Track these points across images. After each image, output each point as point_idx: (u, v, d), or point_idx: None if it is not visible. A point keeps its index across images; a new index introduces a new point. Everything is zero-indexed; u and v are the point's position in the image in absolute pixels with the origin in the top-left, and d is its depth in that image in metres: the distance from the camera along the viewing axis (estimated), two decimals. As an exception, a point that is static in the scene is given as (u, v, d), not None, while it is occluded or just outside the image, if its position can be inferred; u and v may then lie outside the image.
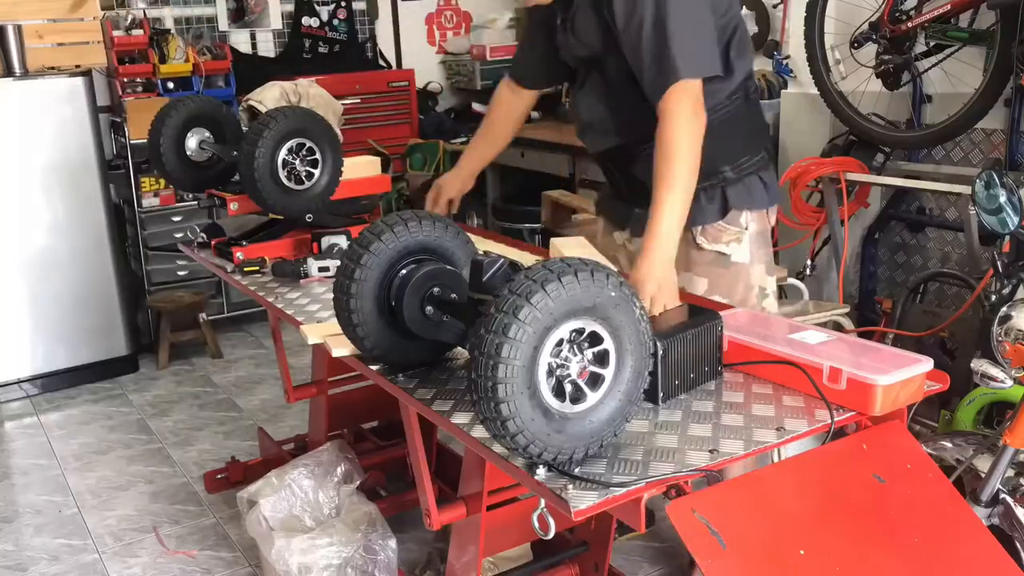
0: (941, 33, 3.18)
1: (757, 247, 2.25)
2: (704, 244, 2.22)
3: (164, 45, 4.70)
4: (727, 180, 2.18)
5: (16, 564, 2.94)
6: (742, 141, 2.19)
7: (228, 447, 3.65)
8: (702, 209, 2.17)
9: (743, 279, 2.24)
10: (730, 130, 2.15)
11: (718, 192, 2.18)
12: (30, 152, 4.17)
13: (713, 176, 2.15)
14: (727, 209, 2.19)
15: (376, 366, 1.83)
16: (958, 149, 3.47)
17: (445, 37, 6.06)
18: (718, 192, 2.18)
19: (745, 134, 2.20)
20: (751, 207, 2.22)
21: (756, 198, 2.23)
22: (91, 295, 4.36)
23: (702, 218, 2.19)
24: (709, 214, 2.19)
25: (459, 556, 1.98)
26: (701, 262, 2.23)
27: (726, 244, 2.22)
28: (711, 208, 2.19)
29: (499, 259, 1.63)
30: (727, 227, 2.21)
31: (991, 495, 2.01)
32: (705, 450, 1.47)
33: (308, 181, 2.62)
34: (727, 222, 2.20)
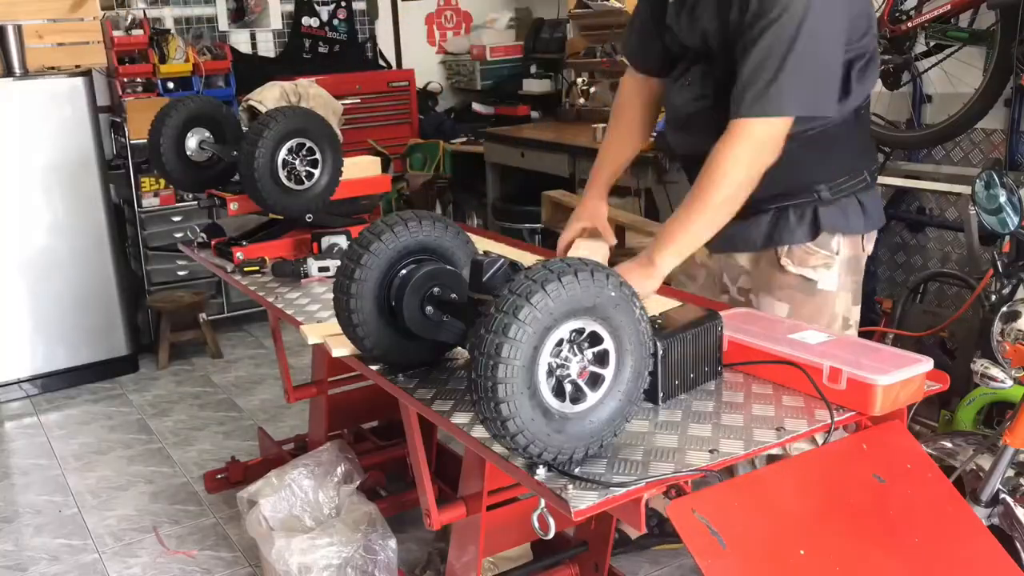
0: (941, 33, 3.18)
1: (847, 275, 2.05)
2: (789, 266, 2.02)
3: (164, 45, 4.70)
4: (821, 200, 1.98)
5: (16, 564, 2.94)
6: (844, 159, 1.98)
7: (228, 447, 3.65)
8: (791, 228, 2.00)
9: (828, 308, 2.04)
10: (832, 146, 1.95)
11: (810, 211, 1.99)
12: (30, 152, 4.17)
13: (806, 193, 1.98)
14: (818, 231, 1.99)
15: (376, 366, 1.83)
16: (958, 149, 3.47)
17: (445, 37, 6.06)
18: (810, 211, 1.99)
19: (848, 152, 2.00)
20: (845, 231, 2.01)
21: (851, 222, 2.01)
22: (91, 295, 4.36)
23: (790, 238, 2.00)
24: (798, 234, 2.00)
25: (459, 556, 1.98)
26: (784, 285, 2.04)
27: (813, 268, 2.02)
28: (800, 228, 2.00)
29: (499, 259, 1.63)
30: (817, 250, 2.01)
31: (991, 495, 2.01)
32: (705, 450, 1.47)
33: (308, 181, 2.62)
34: (817, 245, 2.01)
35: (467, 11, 6.10)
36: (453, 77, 5.98)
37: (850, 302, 2.08)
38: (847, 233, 2.02)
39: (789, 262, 2.02)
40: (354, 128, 5.08)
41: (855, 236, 2.04)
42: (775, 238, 2.01)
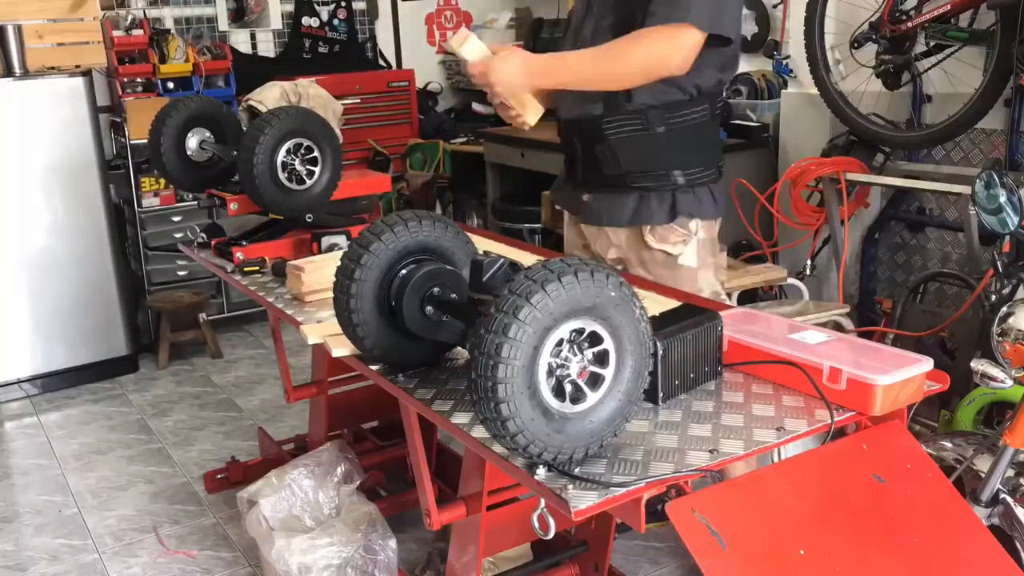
0: (941, 33, 3.18)
1: (706, 253, 2.31)
2: (652, 243, 2.27)
3: (164, 45, 4.70)
4: (678, 186, 2.23)
5: (16, 564, 2.94)
6: (698, 153, 2.23)
7: (228, 447, 3.65)
8: (652, 210, 2.24)
9: (690, 282, 2.29)
10: (689, 140, 2.20)
11: (668, 196, 2.24)
12: (30, 152, 4.17)
13: (665, 179, 2.22)
14: (674, 215, 2.24)
15: (376, 366, 1.83)
16: (958, 149, 3.47)
17: (445, 37, 6.06)
18: (668, 196, 2.24)
19: (702, 147, 2.25)
20: (700, 216, 2.27)
21: (705, 208, 2.28)
22: (91, 295, 4.37)
23: (651, 218, 2.25)
24: (659, 216, 2.25)
25: (459, 556, 1.98)
26: (649, 260, 2.30)
27: (673, 245, 2.27)
28: (661, 210, 2.24)
29: (499, 259, 1.63)
30: (676, 229, 2.26)
31: (991, 495, 2.01)
32: (705, 450, 1.47)
33: (308, 181, 2.62)
34: (677, 225, 2.26)
35: (467, 11, 6.10)
36: (453, 77, 5.98)
37: (712, 276, 2.35)
38: (703, 218, 2.27)
39: (652, 239, 2.27)
40: (354, 128, 5.08)
41: (709, 221, 2.30)
42: (640, 217, 2.25)
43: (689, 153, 2.22)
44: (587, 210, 2.35)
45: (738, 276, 3.21)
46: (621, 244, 2.33)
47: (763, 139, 4.10)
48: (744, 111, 4.17)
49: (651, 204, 2.24)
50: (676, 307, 1.88)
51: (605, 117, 2.22)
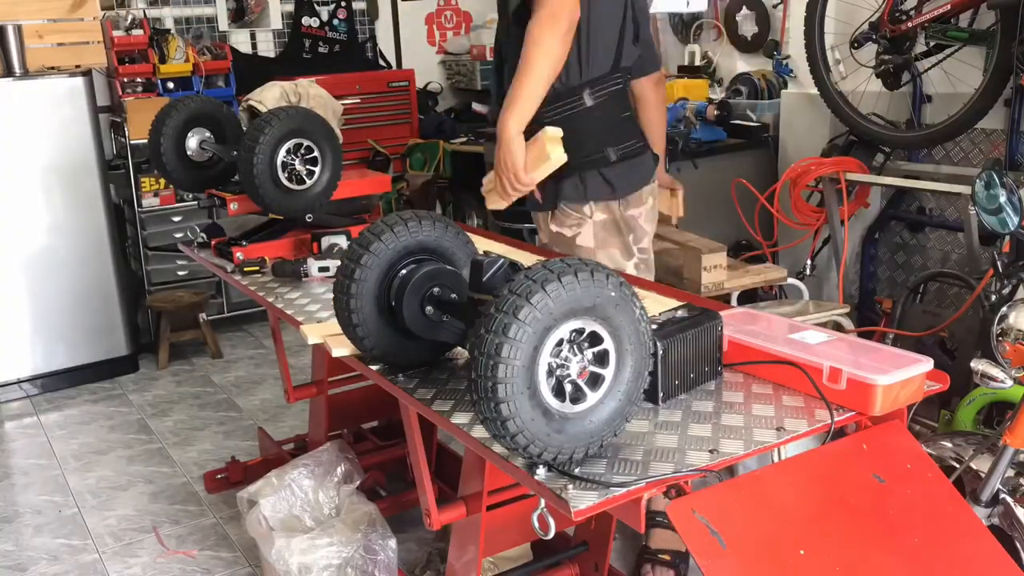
0: (941, 33, 3.18)
1: (606, 234, 2.45)
2: (552, 226, 2.47)
3: (164, 45, 4.70)
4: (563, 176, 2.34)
5: (16, 564, 2.95)
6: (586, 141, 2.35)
7: (228, 447, 3.65)
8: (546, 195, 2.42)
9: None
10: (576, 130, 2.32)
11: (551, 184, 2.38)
12: (30, 152, 4.17)
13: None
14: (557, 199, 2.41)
15: (376, 366, 1.83)
16: (958, 149, 3.47)
17: (445, 37, 6.06)
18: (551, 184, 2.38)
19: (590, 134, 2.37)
20: (584, 200, 2.41)
21: (590, 192, 2.41)
22: (91, 295, 4.37)
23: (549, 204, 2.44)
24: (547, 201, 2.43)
25: (459, 556, 1.98)
26: (555, 240, 2.48)
27: (569, 228, 2.44)
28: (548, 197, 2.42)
29: (499, 259, 1.64)
30: (571, 212, 2.43)
31: (991, 495, 2.01)
32: (705, 450, 1.47)
33: (308, 181, 2.62)
34: (570, 209, 2.43)
35: (467, 11, 6.10)
36: (453, 77, 5.98)
37: (619, 257, 2.48)
38: (598, 200, 2.41)
39: (553, 224, 2.47)
40: (354, 128, 5.08)
41: (604, 203, 2.43)
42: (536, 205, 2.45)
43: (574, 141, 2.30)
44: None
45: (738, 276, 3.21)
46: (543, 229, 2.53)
47: (763, 139, 4.10)
48: (744, 111, 4.17)
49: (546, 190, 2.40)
50: (676, 307, 1.88)
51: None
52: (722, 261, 3.05)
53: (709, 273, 3.03)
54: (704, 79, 4.55)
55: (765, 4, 4.31)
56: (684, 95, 4.24)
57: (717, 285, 3.07)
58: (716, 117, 4.00)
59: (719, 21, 4.72)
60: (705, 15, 4.80)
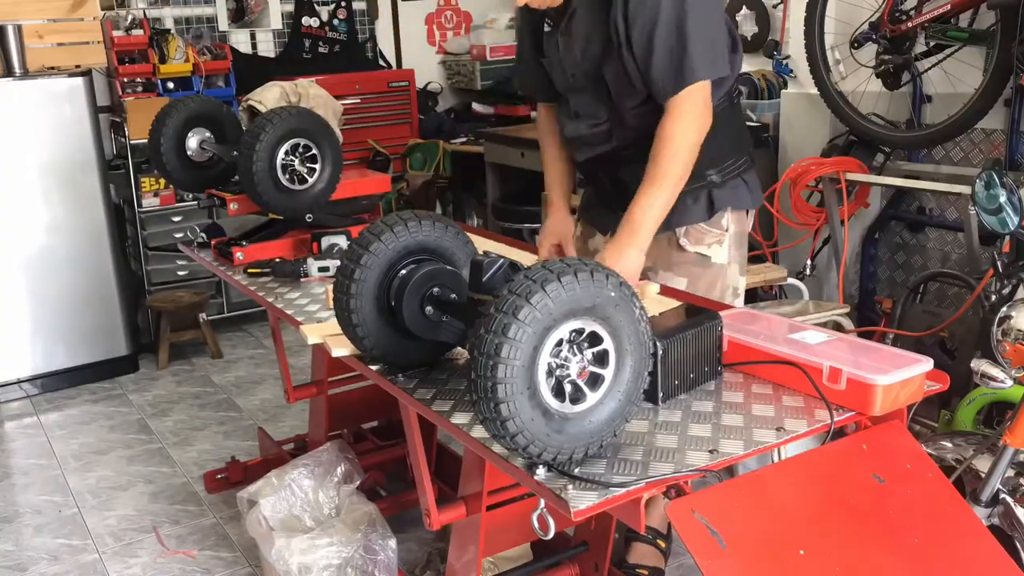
0: (941, 33, 3.18)
1: (735, 248, 2.32)
2: (687, 246, 2.27)
3: (164, 45, 4.70)
4: (712, 183, 2.22)
5: (16, 564, 2.94)
6: (728, 145, 2.23)
7: (228, 447, 3.65)
8: (688, 210, 2.22)
9: (720, 280, 2.30)
10: (716, 134, 2.15)
11: (704, 194, 2.23)
12: (30, 152, 4.17)
13: (699, 179, 2.18)
14: (713, 211, 2.24)
15: (376, 366, 1.83)
16: (958, 149, 3.47)
17: (445, 37, 6.06)
18: (704, 194, 2.23)
19: (730, 138, 2.24)
20: (735, 207, 2.28)
21: (740, 199, 2.29)
22: (91, 295, 4.36)
23: (687, 219, 2.24)
24: (695, 215, 2.23)
25: (459, 556, 1.98)
26: (682, 262, 2.28)
27: (707, 246, 2.27)
28: (696, 209, 2.23)
29: (499, 259, 1.64)
30: (710, 229, 2.26)
31: (991, 495, 2.01)
32: (705, 450, 1.47)
33: (308, 181, 2.62)
34: (710, 225, 2.25)
35: (467, 11, 6.10)
36: (453, 77, 5.98)
37: (738, 273, 2.36)
38: (736, 209, 2.28)
39: (687, 242, 2.26)
40: (354, 128, 5.08)
41: (741, 212, 2.31)
42: (672, 221, 2.17)
43: (718, 147, 2.18)
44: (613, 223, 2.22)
45: (738, 276, 3.20)
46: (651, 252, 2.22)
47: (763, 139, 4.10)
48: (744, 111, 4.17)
49: (686, 205, 2.20)
50: (676, 307, 1.88)
51: (623, 150, 2.23)
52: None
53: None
54: (704, 79, 4.54)
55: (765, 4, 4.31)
56: (684, 95, 4.23)
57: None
58: (716, 117, 4.00)
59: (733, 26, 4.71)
60: (705, 15, 4.79)
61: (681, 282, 2.28)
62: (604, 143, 2.26)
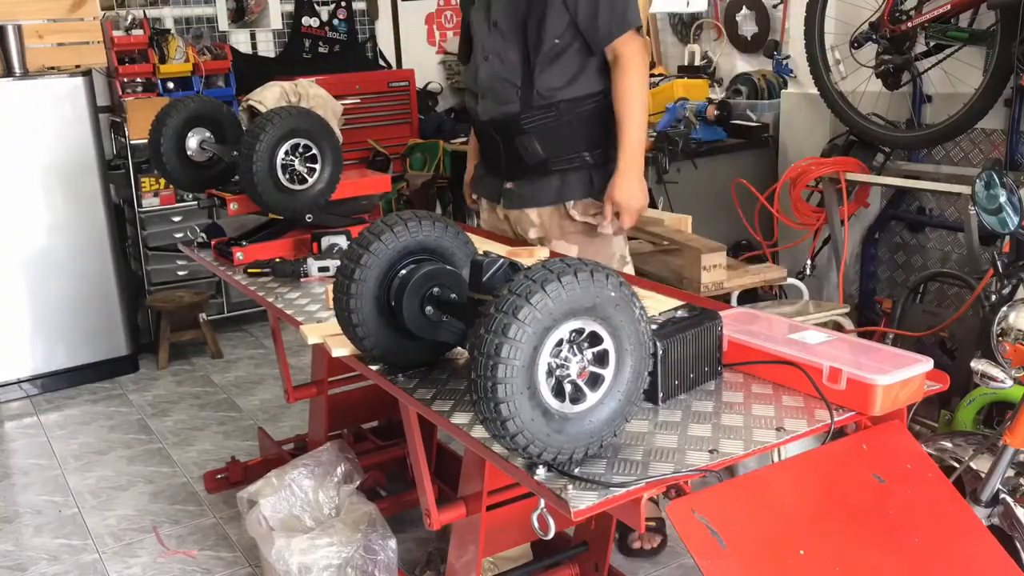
0: (941, 33, 3.18)
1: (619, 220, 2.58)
2: (576, 216, 2.57)
3: (164, 45, 4.70)
4: (591, 165, 2.54)
5: (16, 564, 2.94)
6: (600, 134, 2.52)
7: (228, 447, 3.65)
8: (572, 187, 2.55)
9: (607, 248, 2.61)
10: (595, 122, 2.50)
11: (585, 175, 2.55)
12: (30, 152, 4.17)
13: (578, 159, 2.53)
14: (593, 189, 2.55)
15: (376, 366, 1.83)
16: (958, 149, 3.47)
17: (445, 37, 6.05)
18: (585, 175, 2.55)
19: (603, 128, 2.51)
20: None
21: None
22: (91, 295, 4.36)
23: (575, 194, 2.56)
24: (579, 192, 2.55)
25: (459, 556, 1.98)
26: (573, 231, 2.59)
27: (592, 216, 2.56)
28: (580, 187, 2.55)
29: (499, 259, 1.64)
30: (595, 202, 2.55)
31: (991, 495, 2.01)
32: (705, 450, 1.47)
33: (308, 181, 2.62)
34: (595, 198, 2.55)
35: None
36: (453, 77, 5.98)
37: (623, 243, 2.67)
38: None
39: (576, 212, 2.58)
40: (354, 128, 5.08)
41: None
42: (563, 195, 2.56)
43: (594, 134, 2.52)
44: (511, 196, 2.65)
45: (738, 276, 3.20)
46: (543, 222, 2.62)
47: (763, 139, 4.10)
48: (744, 111, 4.17)
49: (571, 183, 2.55)
50: (676, 307, 1.88)
51: (522, 114, 2.51)
52: (722, 261, 3.05)
53: (709, 273, 3.03)
54: (704, 79, 4.55)
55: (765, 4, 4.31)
56: (684, 95, 4.25)
57: (717, 285, 3.07)
58: (716, 117, 4.00)
59: (719, 21, 4.72)
60: (705, 15, 4.80)
61: (572, 249, 2.58)
62: (509, 101, 2.52)
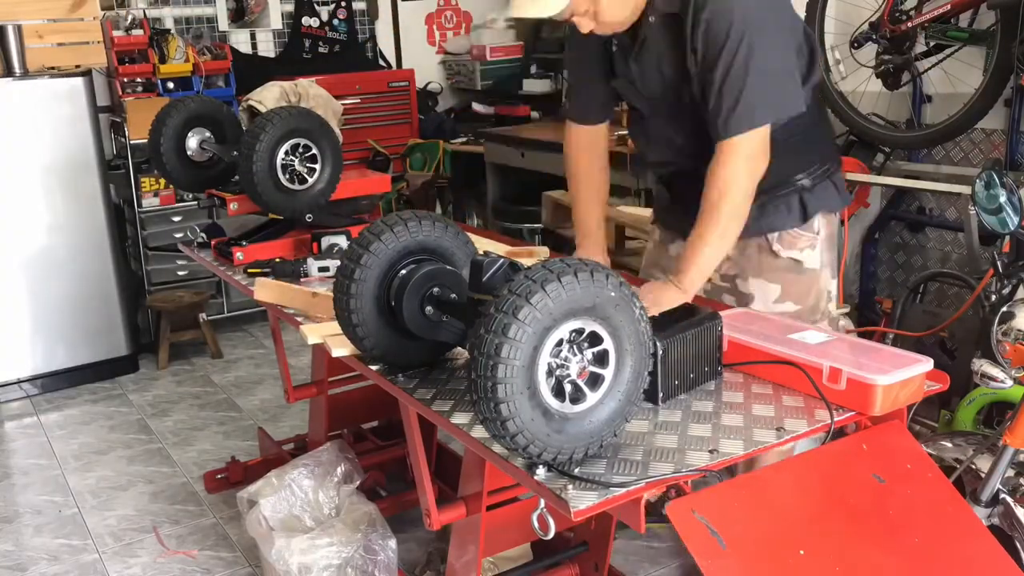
0: (941, 33, 3.17)
1: (827, 252, 2.26)
2: (780, 251, 2.21)
3: (164, 45, 4.70)
4: (803, 188, 2.17)
5: (16, 564, 2.94)
6: (814, 150, 2.19)
7: (228, 447, 3.65)
8: (780, 216, 2.18)
9: (815, 284, 2.25)
10: (803, 142, 2.13)
11: (796, 199, 2.18)
12: (30, 152, 4.17)
13: (789, 186, 2.16)
14: (806, 216, 2.19)
15: (376, 366, 1.83)
16: (958, 149, 3.47)
17: (445, 37, 6.06)
18: (796, 199, 2.18)
19: (816, 142, 2.20)
20: (826, 210, 2.23)
21: (831, 202, 2.24)
22: (91, 295, 4.36)
23: (780, 224, 2.19)
24: (788, 221, 2.19)
25: (459, 556, 1.98)
26: (775, 268, 2.22)
27: (800, 251, 2.21)
28: (790, 215, 2.19)
29: (499, 259, 1.64)
30: (802, 234, 2.20)
31: (991, 495, 2.01)
32: (705, 450, 1.47)
33: (308, 181, 2.62)
34: (803, 229, 2.20)
35: (467, 11, 6.09)
36: (453, 77, 5.98)
37: (830, 276, 2.30)
38: (827, 212, 2.23)
39: (780, 247, 2.20)
40: (354, 128, 5.08)
41: (831, 215, 2.26)
42: (764, 226, 2.17)
43: (806, 154, 2.16)
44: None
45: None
46: (737, 257, 2.23)
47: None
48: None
49: (779, 210, 2.17)
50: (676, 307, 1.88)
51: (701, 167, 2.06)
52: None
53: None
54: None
55: (765, 4, 4.30)
56: (684, 95, 4.23)
57: (717, 285, 3.07)
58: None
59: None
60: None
61: (775, 289, 2.22)
62: (683, 162, 2.20)
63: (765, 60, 1.94)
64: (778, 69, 1.99)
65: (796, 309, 2.21)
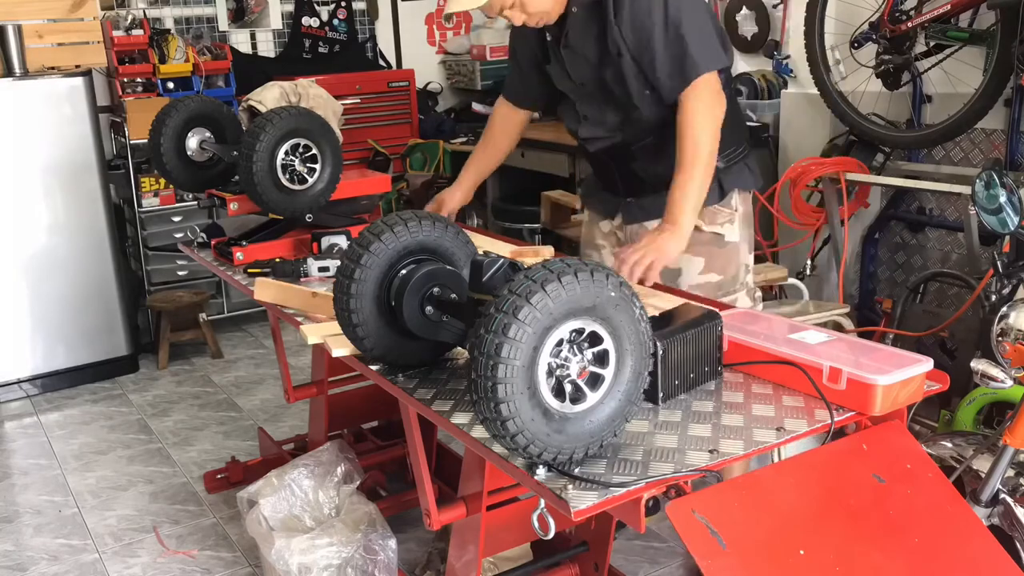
0: (941, 33, 3.17)
1: (744, 228, 2.46)
2: (703, 226, 2.36)
3: (164, 45, 4.70)
4: (719, 169, 2.33)
5: (16, 564, 2.94)
6: (729, 133, 2.31)
7: (228, 447, 3.65)
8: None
9: (735, 257, 2.45)
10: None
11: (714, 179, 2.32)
12: (30, 152, 4.17)
13: None
14: (723, 193, 2.38)
15: (376, 366, 1.83)
16: (958, 149, 3.47)
17: (445, 37, 6.05)
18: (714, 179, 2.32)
19: (731, 127, 2.33)
20: (741, 187, 2.42)
21: (745, 181, 2.44)
22: (91, 295, 4.36)
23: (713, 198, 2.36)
24: (709, 198, 2.31)
25: (459, 556, 1.98)
26: (699, 242, 2.36)
27: (720, 226, 2.40)
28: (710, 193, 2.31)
29: (499, 259, 1.64)
30: (721, 209, 2.39)
31: (991, 495, 2.01)
32: (705, 450, 1.47)
33: (308, 181, 2.62)
34: (722, 205, 2.39)
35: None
36: (453, 77, 5.98)
37: (747, 251, 2.50)
38: (742, 190, 2.43)
39: (702, 222, 2.34)
40: (354, 128, 5.08)
41: (746, 193, 2.46)
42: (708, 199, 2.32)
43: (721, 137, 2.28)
44: (630, 210, 2.47)
45: (738, 276, 3.21)
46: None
47: (763, 139, 4.09)
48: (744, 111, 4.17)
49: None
50: (676, 307, 1.88)
51: (632, 144, 2.37)
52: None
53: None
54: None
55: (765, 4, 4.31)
56: (684, 95, 4.23)
57: (717, 285, 3.07)
58: (716, 117, 3.99)
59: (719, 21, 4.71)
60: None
61: (699, 261, 2.39)
62: (615, 139, 2.39)
63: (693, 20, 2.17)
64: (708, 27, 2.21)
65: (719, 279, 2.40)
